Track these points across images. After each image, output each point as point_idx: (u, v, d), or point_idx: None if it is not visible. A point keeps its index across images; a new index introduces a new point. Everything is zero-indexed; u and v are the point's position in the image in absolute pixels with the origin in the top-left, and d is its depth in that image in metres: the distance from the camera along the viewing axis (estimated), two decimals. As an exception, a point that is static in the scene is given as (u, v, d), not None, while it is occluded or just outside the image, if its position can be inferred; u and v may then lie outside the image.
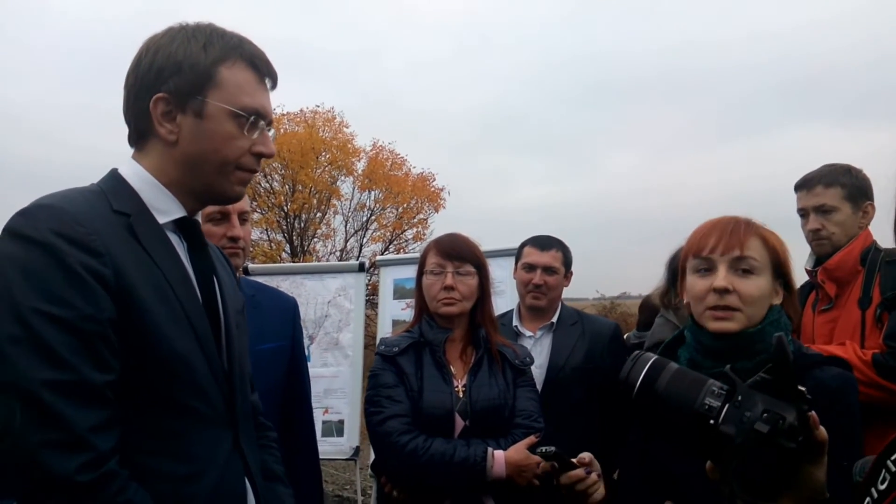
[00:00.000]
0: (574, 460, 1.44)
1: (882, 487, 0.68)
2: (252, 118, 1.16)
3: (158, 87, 1.13)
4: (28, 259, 0.98)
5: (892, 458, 0.68)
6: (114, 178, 1.17)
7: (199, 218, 1.26)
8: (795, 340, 1.38)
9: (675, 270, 2.59)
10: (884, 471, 0.69)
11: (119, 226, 1.08)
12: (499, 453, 1.85)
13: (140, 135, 1.18)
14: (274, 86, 1.24)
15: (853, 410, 1.26)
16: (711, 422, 0.89)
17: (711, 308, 1.29)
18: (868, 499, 0.70)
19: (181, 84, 1.12)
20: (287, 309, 2.16)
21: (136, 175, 1.16)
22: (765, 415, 0.85)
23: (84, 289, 0.99)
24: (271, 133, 1.24)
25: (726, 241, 1.30)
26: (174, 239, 1.17)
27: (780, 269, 1.32)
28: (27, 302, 0.96)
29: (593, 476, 1.43)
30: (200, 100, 1.13)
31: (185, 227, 1.20)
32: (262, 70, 1.20)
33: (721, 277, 1.29)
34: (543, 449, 1.46)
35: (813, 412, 0.85)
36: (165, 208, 1.16)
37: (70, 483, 0.94)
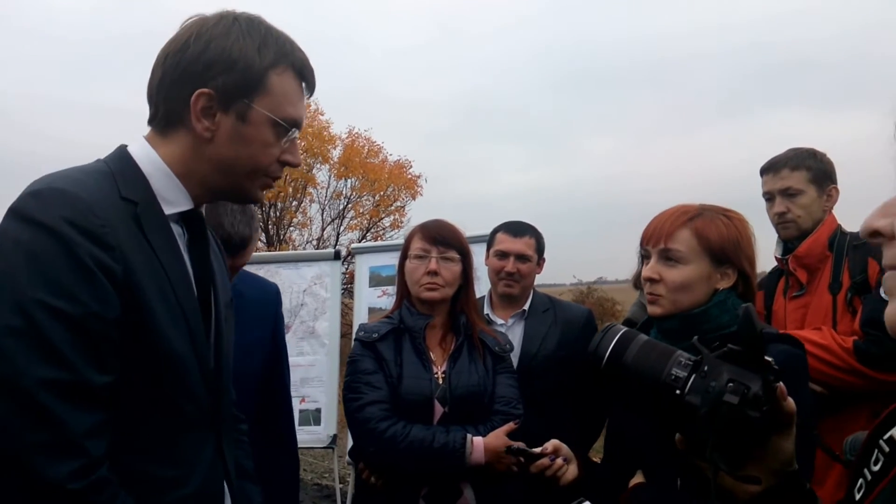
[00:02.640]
0: (538, 450, 1.54)
1: (876, 469, 0.67)
2: (292, 130, 1.14)
3: (205, 82, 1.07)
4: (36, 246, 0.93)
5: (885, 437, 0.67)
6: (124, 158, 1.10)
7: (203, 210, 1.21)
8: None
9: None
10: (876, 451, 0.67)
11: (126, 215, 1.03)
12: (478, 440, 1.86)
13: (169, 121, 1.11)
14: (311, 94, 1.21)
15: (797, 386, 1.29)
16: (678, 392, 0.89)
17: (648, 293, 1.45)
18: (861, 480, 0.69)
19: (230, 84, 1.07)
20: (269, 297, 2.13)
21: (149, 159, 1.10)
22: (730, 384, 0.84)
23: (93, 284, 0.94)
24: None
25: (655, 233, 1.44)
26: (176, 230, 1.13)
27: (722, 256, 1.40)
28: (31, 292, 0.91)
29: (558, 462, 1.53)
30: (247, 103, 1.09)
31: (189, 218, 1.16)
32: (308, 80, 1.18)
33: (648, 268, 1.45)
34: (508, 447, 1.61)
35: (781, 384, 0.86)
36: (174, 199, 1.11)
37: (61, 490, 0.90)
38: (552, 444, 1.54)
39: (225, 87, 1.07)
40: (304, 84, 1.17)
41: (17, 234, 0.94)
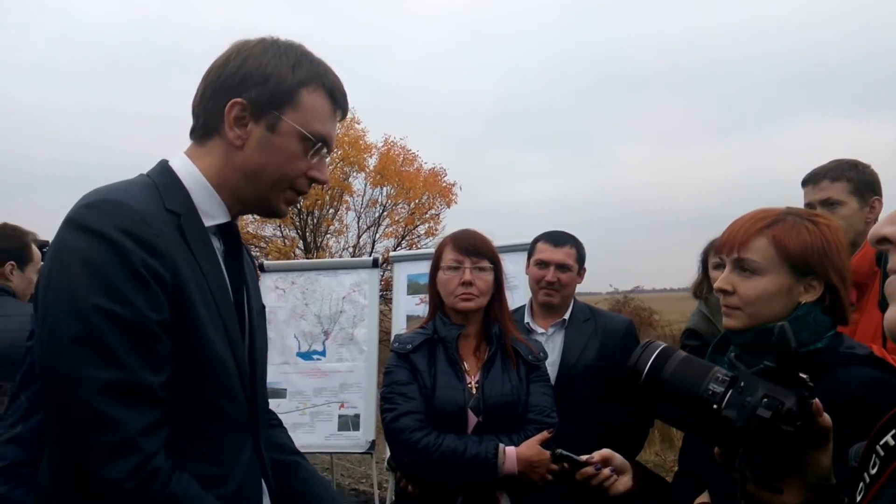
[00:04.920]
0: (583, 458, 1.49)
1: (873, 472, 0.69)
2: (318, 144, 1.19)
3: (239, 92, 1.14)
4: (92, 253, 0.98)
5: (881, 442, 0.69)
6: (166, 172, 1.17)
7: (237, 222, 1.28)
8: (839, 336, 1.31)
9: (706, 262, 2.62)
10: (874, 455, 0.70)
11: (172, 226, 1.09)
12: (510, 449, 1.86)
13: (206, 131, 1.19)
14: (343, 118, 1.28)
15: (870, 414, 1.19)
16: (714, 406, 0.92)
17: (723, 305, 1.34)
18: (861, 484, 0.72)
19: (262, 95, 1.14)
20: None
21: (190, 174, 1.17)
22: (764, 400, 0.87)
23: (146, 290, 1.00)
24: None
25: (730, 241, 1.32)
26: (214, 243, 1.19)
27: (804, 266, 1.26)
28: (90, 298, 0.96)
29: (605, 472, 1.47)
30: (277, 115, 1.15)
31: (225, 231, 1.22)
32: (339, 102, 1.24)
33: (721, 278, 1.34)
34: (553, 452, 1.56)
35: (816, 399, 0.88)
36: (212, 212, 1.18)
37: (119, 488, 0.95)
38: (601, 453, 1.48)
39: (258, 99, 1.14)
40: (334, 105, 1.23)
41: (75, 243, 1.00)
